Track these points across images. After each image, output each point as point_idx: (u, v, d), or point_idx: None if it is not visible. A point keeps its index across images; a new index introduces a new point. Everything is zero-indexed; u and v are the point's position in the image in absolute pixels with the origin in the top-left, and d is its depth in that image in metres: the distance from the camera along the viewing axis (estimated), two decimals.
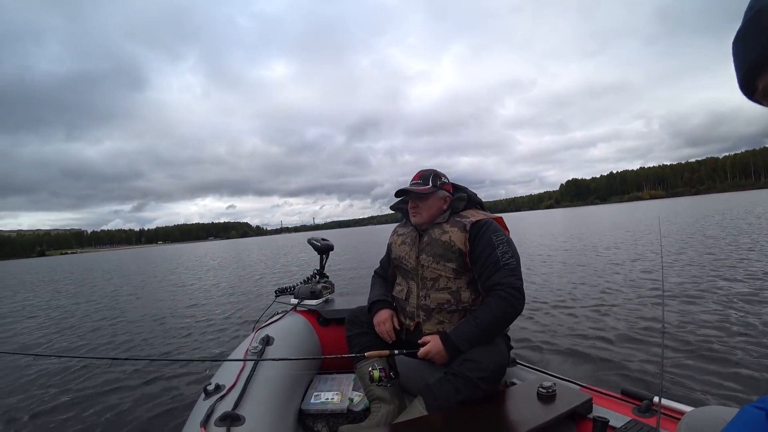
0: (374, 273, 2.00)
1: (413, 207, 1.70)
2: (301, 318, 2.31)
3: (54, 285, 14.34)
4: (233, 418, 1.25)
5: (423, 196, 1.68)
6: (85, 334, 5.47)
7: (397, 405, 1.66)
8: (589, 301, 4.76)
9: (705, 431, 0.90)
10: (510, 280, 1.50)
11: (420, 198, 1.69)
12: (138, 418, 2.60)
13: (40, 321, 6.79)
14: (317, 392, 1.96)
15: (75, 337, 5.37)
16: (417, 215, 1.70)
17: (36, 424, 2.67)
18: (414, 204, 1.70)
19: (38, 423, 2.68)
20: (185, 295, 8.42)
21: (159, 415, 2.62)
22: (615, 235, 14.01)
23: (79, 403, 2.93)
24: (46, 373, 3.64)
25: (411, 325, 1.68)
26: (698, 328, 3.40)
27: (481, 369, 1.38)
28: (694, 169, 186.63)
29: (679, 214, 22.12)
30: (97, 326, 5.93)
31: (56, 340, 5.34)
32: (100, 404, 2.88)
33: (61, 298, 10.12)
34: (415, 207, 1.70)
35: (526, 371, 1.75)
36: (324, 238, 2.54)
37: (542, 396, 1.37)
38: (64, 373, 3.58)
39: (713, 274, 5.63)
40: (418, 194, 1.68)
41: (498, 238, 1.56)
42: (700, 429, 0.92)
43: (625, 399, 1.40)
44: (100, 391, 3.14)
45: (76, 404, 2.91)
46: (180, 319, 5.92)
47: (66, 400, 3.00)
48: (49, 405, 2.94)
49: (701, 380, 2.49)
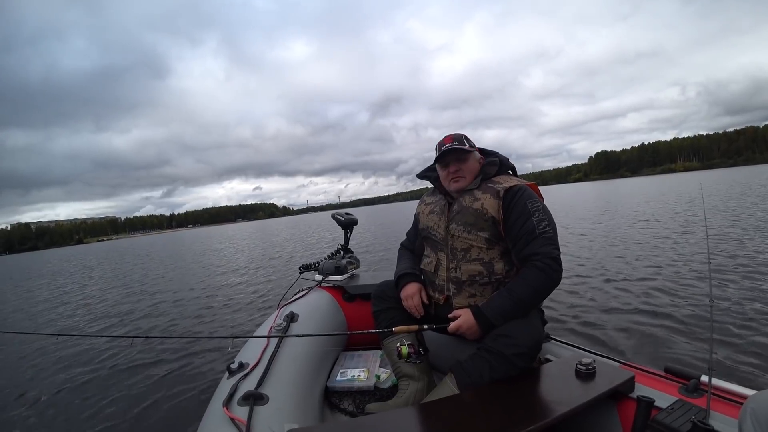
0: (401, 246, 1.92)
1: (455, 171, 1.58)
2: (326, 294, 2.28)
3: (88, 271, 15.04)
4: (256, 397, 1.23)
5: (465, 157, 1.58)
6: (113, 316, 5.70)
7: (426, 382, 1.62)
8: (627, 274, 4.59)
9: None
10: (547, 249, 1.39)
11: (462, 160, 1.58)
12: (163, 396, 2.68)
13: (73, 306, 7.10)
14: (343, 369, 1.94)
15: (105, 318, 5.61)
16: (461, 179, 1.58)
17: (62, 401, 2.79)
18: (456, 167, 1.58)
19: (64, 401, 2.79)
20: (212, 276, 8.67)
21: (184, 394, 2.68)
22: (652, 206, 13.50)
23: (103, 381, 3.04)
24: (71, 353, 3.79)
25: (440, 299, 1.60)
26: (749, 303, 3.20)
27: (517, 345, 1.30)
28: (732, 139, 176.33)
29: (719, 185, 21.08)
30: (126, 308, 6.17)
31: (84, 321, 5.61)
32: (125, 383, 2.97)
33: (93, 283, 10.61)
34: (457, 171, 1.58)
35: (561, 347, 1.66)
36: (348, 212, 2.49)
37: (581, 373, 1.28)
38: (89, 353, 3.71)
39: (764, 246, 5.32)
40: (463, 154, 1.57)
41: (534, 205, 1.45)
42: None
43: (669, 377, 1.30)
44: (124, 369, 3.24)
45: (100, 383, 3.01)
46: (207, 298, 6.10)
47: (90, 379, 3.11)
48: (73, 384, 3.06)
49: (753, 360, 2.33)
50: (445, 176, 1.62)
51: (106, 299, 7.33)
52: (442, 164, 1.62)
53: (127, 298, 7.02)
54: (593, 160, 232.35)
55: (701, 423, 1.00)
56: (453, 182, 1.60)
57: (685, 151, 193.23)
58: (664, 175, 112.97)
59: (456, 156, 1.58)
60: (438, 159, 1.61)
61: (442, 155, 1.58)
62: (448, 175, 1.61)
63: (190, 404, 2.53)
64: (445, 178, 1.63)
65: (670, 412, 1.10)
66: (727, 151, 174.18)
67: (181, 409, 2.49)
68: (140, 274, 11.29)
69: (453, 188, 1.61)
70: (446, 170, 1.61)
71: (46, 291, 10.01)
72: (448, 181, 1.62)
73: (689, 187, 23.60)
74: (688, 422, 1.04)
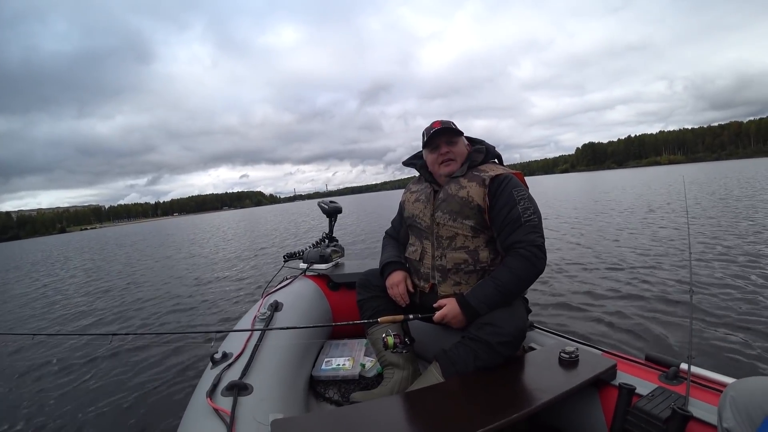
0: (385, 234, 1.90)
1: (445, 153, 1.56)
2: (310, 283, 2.27)
3: (68, 262, 14.65)
4: (240, 387, 1.21)
5: (455, 140, 1.56)
6: (92, 312, 5.51)
7: (411, 371, 1.62)
8: (610, 264, 4.66)
9: (754, 403, 0.81)
10: (531, 237, 1.39)
11: (452, 142, 1.56)
12: (146, 390, 2.63)
13: (47, 301, 6.83)
14: (328, 358, 1.93)
15: (82, 315, 5.41)
16: (452, 162, 1.56)
17: (41, 401, 2.68)
18: (447, 149, 1.56)
19: (44, 400, 2.69)
20: (196, 266, 8.57)
21: (167, 386, 2.64)
22: (635, 197, 13.71)
23: (83, 378, 2.96)
24: (48, 352, 3.66)
25: (426, 288, 1.60)
26: (729, 292, 3.28)
27: (501, 333, 1.30)
28: (717, 133, 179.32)
29: (701, 178, 21.50)
30: (106, 302, 6.00)
31: (61, 317, 5.41)
32: (105, 378, 2.90)
33: (73, 275, 10.31)
34: (447, 153, 1.55)
35: (545, 336, 1.68)
36: (332, 200, 2.47)
37: (564, 361, 1.30)
38: (67, 351, 3.60)
39: (743, 236, 5.44)
40: (453, 135, 1.55)
41: (519, 194, 1.44)
42: (748, 401, 0.82)
43: (650, 365, 1.32)
44: (104, 365, 3.16)
45: (79, 382, 2.92)
46: (190, 288, 6.03)
47: (69, 379, 3.00)
48: (52, 383, 2.96)
49: (731, 347, 2.39)
50: (434, 159, 1.59)
51: (87, 292, 7.14)
52: (432, 147, 1.59)
53: (108, 292, 6.81)
54: (580, 151, 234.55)
55: (680, 409, 1.01)
56: (444, 166, 1.57)
57: (670, 145, 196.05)
58: (650, 168, 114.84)
59: (446, 138, 1.55)
60: (428, 141, 1.57)
61: (432, 137, 1.55)
62: (437, 158, 1.58)
63: (173, 396, 2.50)
64: (434, 162, 1.60)
65: (650, 399, 1.12)
66: (711, 146, 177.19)
67: (164, 402, 2.46)
68: (122, 264, 11.09)
69: (444, 172, 1.58)
70: (436, 153, 1.58)
71: (23, 284, 9.69)
72: (437, 165, 1.59)
73: (672, 179, 24.05)
74: (668, 409, 1.05)
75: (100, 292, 6.83)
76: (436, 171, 1.61)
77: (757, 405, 0.80)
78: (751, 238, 5.33)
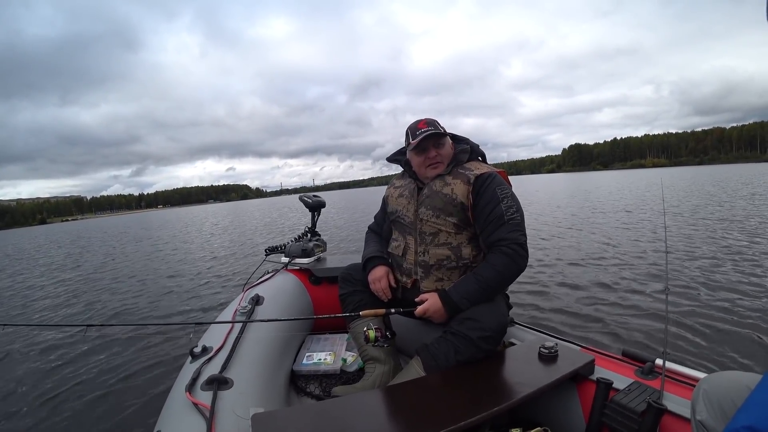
0: (368, 229, 1.89)
1: (434, 157, 1.55)
2: (292, 277, 2.25)
3: (45, 252, 14.33)
4: (220, 381, 1.19)
5: (442, 142, 1.55)
6: (67, 303, 5.36)
7: (393, 366, 1.61)
8: (589, 261, 4.75)
9: (726, 397, 0.83)
10: (514, 235, 1.40)
11: (440, 145, 1.55)
12: (123, 385, 2.57)
13: (23, 292, 6.61)
14: (309, 353, 1.92)
15: (56, 306, 5.27)
16: (440, 164, 1.56)
17: (13, 397, 2.58)
18: (435, 152, 1.55)
19: (15, 396, 2.59)
20: (178, 259, 8.46)
21: (145, 381, 2.59)
22: (617, 197, 13.95)
23: (54, 374, 2.85)
24: (18, 344, 3.53)
25: (408, 283, 1.59)
26: (703, 290, 3.37)
27: (482, 328, 1.31)
28: (700, 138, 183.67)
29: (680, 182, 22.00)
30: (82, 294, 5.83)
31: (34, 309, 5.26)
32: (81, 373, 2.81)
33: (49, 266, 10.08)
34: (435, 156, 1.55)
35: (525, 332, 1.70)
36: (315, 194, 2.46)
37: (544, 357, 1.31)
38: (38, 343, 3.47)
39: (717, 237, 5.58)
40: (440, 138, 1.54)
41: (502, 192, 1.45)
42: (720, 394, 0.84)
43: (627, 361, 1.34)
44: (79, 359, 3.06)
45: (51, 376, 2.82)
46: (170, 281, 5.93)
47: (40, 372, 2.90)
48: (21, 377, 2.86)
49: (704, 344, 2.46)
50: (422, 162, 1.57)
51: (63, 282, 6.97)
52: (420, 149, 1.56)
53: (86, 284, 6.65)
54: (567, 152, 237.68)
55: (655, 403, 1.04)
56: (432, 168, 1.56)
57: (655, 148, 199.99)
58: (634, 170, 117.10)
59: (434, 141, 1.55)
60: (417, 145, 1.54)
61: (422, 141, 1.53)
62: (425, 161, 1.56)
63: (151, 390, 2.45)
64: (421, 164, 1.58)
65: (627, 393, 1.14)
66: (695, 150, 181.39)
67: (142, 396, 2.40)
68: (103, 255, 10.88)
69: (431, 174, 1.57)
70: (423, 156, 1.56)
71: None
72: (424, 168, 1.57)
73: (654, 182, 24.57)
74: (644, 402, 1.07)
75: (77, 284, 6.67)
76: (423, 173, 1.60)
77: (729, 398, 0.82)
78: (725, 238, 5.50)
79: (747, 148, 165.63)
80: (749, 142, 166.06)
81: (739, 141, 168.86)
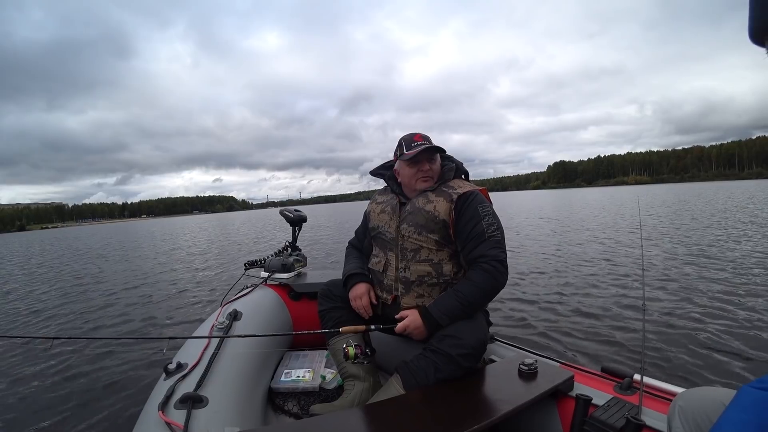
0: (348, 244, 1.87)
1: (427, 171, 1.56)
2: (271, 292, 2.22)
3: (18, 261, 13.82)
4: (195, 400, 1.16)
5: (435, 157, 1.58)
6: (35, 314, 5.14)
7: (372, 383, 1.59)
8: (568, 278, 4.79)
9: (702, 413, 0.84)
10: (494, 252, 1.41)
11: (433, 160, 1.57)
12: (92, 403, 2.46)
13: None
14: (288, 369, 1.87)
15: (21, 317, 5.04)
16: (429, 179, 1.57)
17: None
18: (429, 166, 1.56)
19: None
20: (155, 271, 8.24)
21: (116, 400, 2.48)
22: (597, 215, 14.19)
23: (17, 390, 2.70)
24: None
25: (388, 299, 1.58)
26: (680, 306, 3.42)
27: (462, 345, 1.30)
28: (680, 156, 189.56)
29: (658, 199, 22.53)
30: (50, 306, 5.57)
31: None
32: (43, 390, 2.67)
33: (19, 274, 9.74)
34: (428, 170, 1.56)
35: (505, 348, 1.70)
36: (297, 209, 2.45)
37: (524, 373, 1.31)
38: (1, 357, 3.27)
39: (695, 254, 5.71)
40: (435, 153, 1.56)
41: (484, 210, 1.47)
42: (695, 410, 0.85)
43: (605, 377, 1.35)
44: (43, 375, 2.90)
45: (13, 392, 2.67)
46: (145, 295, 5.75)
47: (2, 387, 2.75)
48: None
49: (682, 359, 2.49)
50: (413, 174, 1.57)
51: (32, 293, 6.70)
52: (413, 161, 1.56)
53: (58, 295, 6.36)
54: (552, 169, 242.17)
55: (633, 418, 1.04)
56: (422, 181, 1.57)
57: (637, 166, 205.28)
58: (616, 187, 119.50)
59: (429, 155, 1.56)
60: (414, 157, 1.54)
61: (419, 153, 1.53)
62: (417, 173, 1.56)
63: (123, 409, 2.35)
64: (412, 176, 1.58)
65: (606, 409, 1.14)
66: (676, 168, 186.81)
67: (113, 415, 2.30)
68: (78, 265, 10.55)
69: (421, 187, 1.58)
70: (416, 168, 1.56)
71: None
72: (415, 180, 1.58)
73: (633, 199, 25.19)
74: (622, 418, 1.08)
75: (48, 295, 6.41)
76: (412, 185, 1.60)
77: (704, 414, 0.83)
78: (700, 256, 5.61)
79: (726, 166, 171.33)
80: (728, 160, 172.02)
81: (719, 159, 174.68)
